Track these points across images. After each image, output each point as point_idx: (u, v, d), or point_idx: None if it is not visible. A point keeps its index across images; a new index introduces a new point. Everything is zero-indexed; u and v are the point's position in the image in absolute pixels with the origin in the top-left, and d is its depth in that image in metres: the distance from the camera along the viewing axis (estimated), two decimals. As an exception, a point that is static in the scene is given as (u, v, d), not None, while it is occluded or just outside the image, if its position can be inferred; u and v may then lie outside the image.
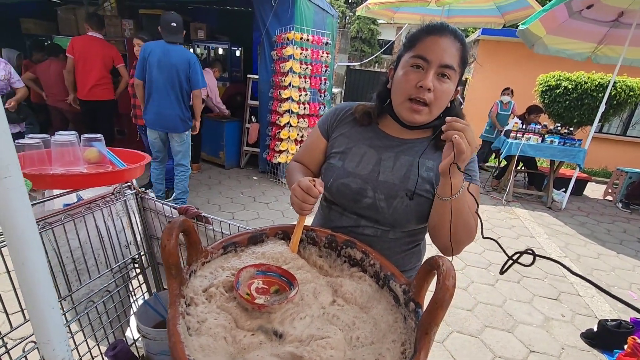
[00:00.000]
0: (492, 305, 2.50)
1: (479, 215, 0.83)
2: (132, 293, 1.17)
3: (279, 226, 0.95)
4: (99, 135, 1.11)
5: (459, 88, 0.95)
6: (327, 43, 4.34)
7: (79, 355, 0.93)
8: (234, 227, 1.08)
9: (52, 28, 6.17)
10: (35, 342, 0.82)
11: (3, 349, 0.78)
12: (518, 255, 0.68)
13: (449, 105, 0.94)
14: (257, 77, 4.61)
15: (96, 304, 1.00)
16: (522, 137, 4.78)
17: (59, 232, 0.96)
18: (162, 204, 1.17)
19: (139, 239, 1.20)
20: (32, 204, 0.99)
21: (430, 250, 1.11)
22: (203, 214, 1.12)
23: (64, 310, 0.96)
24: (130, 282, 1.15)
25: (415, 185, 0.92)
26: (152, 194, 1.21)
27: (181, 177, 3.43)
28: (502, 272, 0.71)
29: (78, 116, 4.37)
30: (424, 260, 1.13)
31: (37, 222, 0.87)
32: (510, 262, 0.70)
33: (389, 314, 0.74)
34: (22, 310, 0.83)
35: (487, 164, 6.95)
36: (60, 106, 4.41)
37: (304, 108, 4.21)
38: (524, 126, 4.99)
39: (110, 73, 4.13)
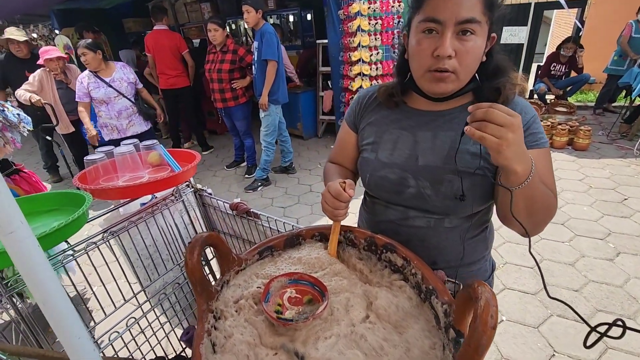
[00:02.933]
0: (608, 285, 2.09)
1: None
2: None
3: (316, 227, 0.90)
4: (154, 140, 1.19)
5: (493, 35, 0.74)
6: (397, -10, 3.88)
7: (157, 340, 1.07)
8: (280, 224, 1.08)
9: (148, 23, 6.87)
10: (118, 332, 0.96)
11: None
12: (607, 327, 0.52)
13: (484, 59, 0.75)
14: (326, 41, 4.43)
15: (168, 296, 1.12)
16: (667, 65, 3.67)
17: (134, 233, 1.09)
18: (217, 199, 1.22)
19: (199, 232, 1.30)
20: (110, 210, 1.13)
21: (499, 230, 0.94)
22: (252, 210, 1.14)
23: (147, 297, 1.10)
24: (203, 269, 1.26)
25: (456, 164, 0.76)
26: (210, 190, 1.27)
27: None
28: (587, 347, 0.56)
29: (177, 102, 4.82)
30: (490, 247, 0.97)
31: (106, 228, 1.00)
32: (595, 334, 0.54)
33: (426, 337, 0.64)
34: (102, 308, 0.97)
35: (613, 104, 5.61)
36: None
37: (376, 69, 3.92)
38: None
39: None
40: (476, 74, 0.77)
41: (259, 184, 3.81)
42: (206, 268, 1.23)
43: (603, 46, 5.62)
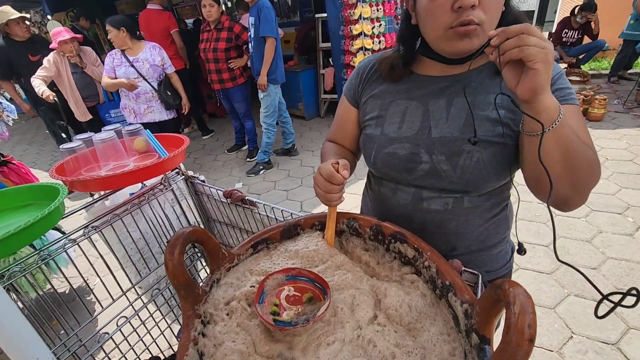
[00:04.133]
0: (628, 261, 1.99)
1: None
2: (198, 275, 1.21)
3: (315, 216, 0.81)
4: (138, 126, 1.10)
5: None
6: (400, -45, 3.64)
7: (152, 338, 1.01)
8: (278, 212, 0.99)
9: (141, 4, 6.63)
10: (108, 333, 0.90)
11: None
12: (620, 297, 0.45)
13: (503, 8, 0.66)
14: (325, 15, 4.21)
15: (162, 291, 1.05)
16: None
17: (119, 226, 1.00)
18: (209, 187, 1.14)
19: (193, 222, 1.22)
20: (94, 202, 1.05)
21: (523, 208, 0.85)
22: (247, 198, 1.05)
23: (138, 294, 1.03)
24: (194, 265, 1.18)
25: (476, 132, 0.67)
26: (202, 177, 1.18)
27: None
28: (598, 317, 0.47)
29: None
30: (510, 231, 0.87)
31: (87, 223, 0.92)
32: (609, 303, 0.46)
33: (444, 341, 0.55)
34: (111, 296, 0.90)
35: (629, 72, 5.34)
36: None
37: (379, 42, 3.74)
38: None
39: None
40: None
41: (261, 167, 3.72)
42: (199, 262, 1.16)
43: (618, 11, 5.31)
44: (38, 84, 2.98)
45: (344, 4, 3.84)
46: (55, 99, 3.03)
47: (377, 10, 3.65)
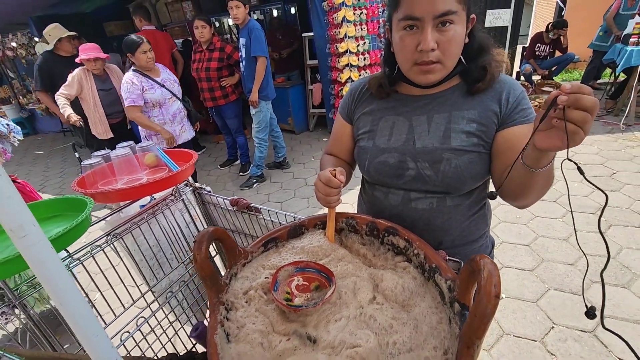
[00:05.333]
0: (601, 257, 2.14)
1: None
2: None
3: (318, 217, 0.92)
4: (150, 142, 1.19)
5: (472, 16, 0.77)
6: (380, -22, 3.87)
7: (167, 337, 1.09)
8: (282, 216, 1.09)
9: (130, 26, 6.75)
10: (129, 332, 0.98)
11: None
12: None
13: (467, 40, 0.78)
14: (312, 34, 4.41)
15: (175, 294, 1.13)
16: (648, 40, 3.73)
17: (137, 234, 1.09)
18: (216, 197, 1.23)
19: (200, 229, 1.31)
20: (112, 213, 1.13)
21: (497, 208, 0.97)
22: (252, 205, 1.15)
23: (154, 296, 1.11)
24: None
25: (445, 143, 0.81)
26: (208, 188, 1.28)
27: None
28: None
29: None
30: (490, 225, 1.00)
31: (109, 231, 1.00)
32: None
33: (433, 313, 0.67)
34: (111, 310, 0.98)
35: (598, 82, 5.69)
36: None
37: (364, 59, 3.93)
38: (651, 25, 3.86)
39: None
40: (461, 57, 0.80)
41: (254, 180, 3.82)
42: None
43: (586, 23, 5.69)
44: (63, 104, 2.94)
45: (329, 24, 4.04)
46: (82, 123, 2.98)
47: (362, 29, 3.86)
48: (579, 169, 0.57)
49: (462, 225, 0.91)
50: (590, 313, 0.60)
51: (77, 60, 2.96)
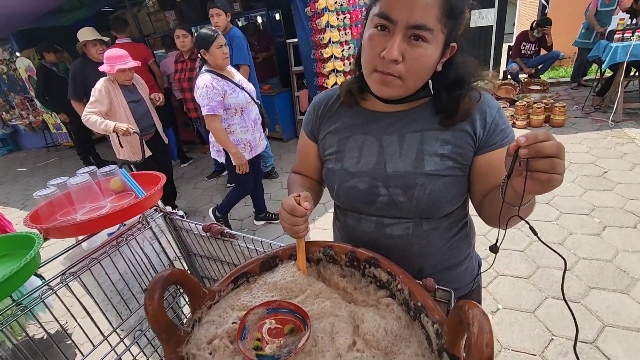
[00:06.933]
0: (598, 260, 2.10)
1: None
2: (181, 310, 1.20)
3: (293, 246, 0.83)
4: (113, 166, 1.10)
5: (453, 44, 0.70)
6: (363, -18, 3.83)
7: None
8: (257, 242, 1.01)
9: (111, 37, 6.63)
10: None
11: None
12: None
13: (439, 68, 0.71)
14: (296, 40, 4.35)
15: (144, 332, 1.04)
16: (632, 36, 3.73)
17: (98, 270, 0.99)
18: (189, 222, 1.14)
19: (173, 258, 1.22)
20: (71, 247, 1.04)
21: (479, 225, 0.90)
22: (226, 231, 1.07)
23: (120, 337, 1.02)
24: (177, 301, 1.18)
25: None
26: (181, 212, 1.19)
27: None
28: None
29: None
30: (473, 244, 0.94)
31: (65, 270, 0.91)
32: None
33: (419, 362, 0.58)
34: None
35: (585, 78, 5.71)
36: None
37: (349, 64, 3.87)
38: (634, 21, 3.87)
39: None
40: (431, 83, 0.73)
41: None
42: (182, 298, 1.15)
43: (570, 20, 5.73)
44: (99, 119, 2.40)
45: (313, 30, 3.98)
46: (138, 131, 2.54)
47: (346, 34, 3.81)
48: (532, 228, 0.60)
49: (443, 249, 0.84)
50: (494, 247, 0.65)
51: (103, 69, 2.52)
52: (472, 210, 0.88)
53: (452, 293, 0.72)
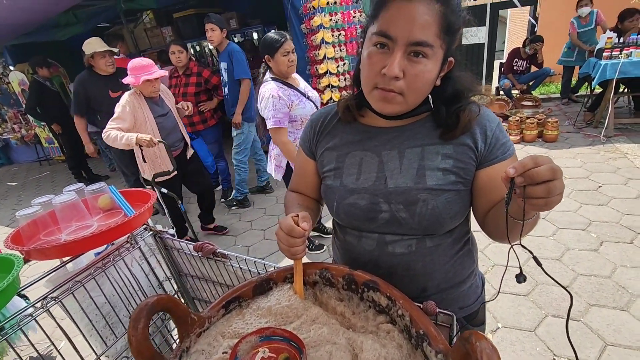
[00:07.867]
0: (597, 276, 2.07)
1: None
2: (171, 335, 1.15)
3: (287, 269, 0.79)
4: (101, 184, 1.07)
5: (450, 59, 0.70)
6: (357, 0, 3.90)
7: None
8: (251, 263, 0.97)
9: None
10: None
11: None
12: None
13: (438, 83, 0.71)
14: (292, 56, 4.38)
15: (131, 358, 0.98)
16: (620, 54, 3.82)
17: (82, 293, 0.94)
18: (179, 241, 1.10)
19: (162, 278, 1.17)
20: (54, 270, 0.99)
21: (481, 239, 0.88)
22: (219, 250, 1.03)
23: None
24: (166, 325, 1.12)
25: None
26: (172, 231, 1.15)
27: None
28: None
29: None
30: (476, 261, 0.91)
31: (46, 294, 0.86)
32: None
33: (423, 396, 0.55)
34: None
35: (576, 94, 5.82)
36: None
37: (345, 79, 3.90)
38: (621, 39, 3.97)
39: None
40: (430, 98, 0.73)
41: (234, 203, 3.70)
42: (171, 322, 1.10)
43: (558, 39, 5.85)
44: (119, 134, 2.18)
45: (308, 46, 4.02)
46: (163, 141, 2.33)
47: (341, 50, 3.85)
48: (535, 258, 0.60)
49: (446, 267, 0.81)
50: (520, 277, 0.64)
51: (127, 81, 2.30)
52: (473, 226, 0.86)
53: (454, 317, 0.69)
